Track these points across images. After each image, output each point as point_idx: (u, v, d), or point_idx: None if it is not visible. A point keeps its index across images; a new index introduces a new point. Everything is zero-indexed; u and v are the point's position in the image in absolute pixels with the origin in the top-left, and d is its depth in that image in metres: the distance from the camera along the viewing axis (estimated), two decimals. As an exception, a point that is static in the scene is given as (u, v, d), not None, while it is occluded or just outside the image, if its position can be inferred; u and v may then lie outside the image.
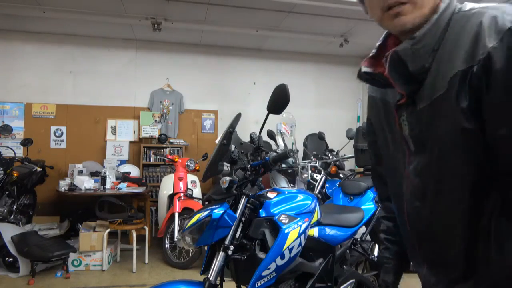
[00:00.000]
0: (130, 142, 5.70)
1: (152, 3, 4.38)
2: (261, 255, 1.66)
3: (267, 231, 1.70)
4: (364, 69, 0.85)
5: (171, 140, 5.66)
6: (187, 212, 4.00)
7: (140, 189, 4.46)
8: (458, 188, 0.70)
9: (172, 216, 3.98)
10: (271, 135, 4.49)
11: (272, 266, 1.63)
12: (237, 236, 1.66)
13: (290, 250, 1.66)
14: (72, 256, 3.76)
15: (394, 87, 0.78)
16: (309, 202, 1.88)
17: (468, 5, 0.73)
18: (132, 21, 4.87)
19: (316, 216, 1.93)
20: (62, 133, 5.56)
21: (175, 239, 3.77)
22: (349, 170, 4.63)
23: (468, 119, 0.65)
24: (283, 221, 1.69)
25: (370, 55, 0.86)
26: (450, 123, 0.67)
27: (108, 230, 3.86)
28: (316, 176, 4.11)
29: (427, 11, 0.72)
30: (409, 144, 0.79)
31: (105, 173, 4.43)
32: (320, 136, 4.82)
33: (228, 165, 1.79)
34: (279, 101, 1.67)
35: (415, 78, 0.73)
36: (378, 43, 0.87)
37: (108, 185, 4.41)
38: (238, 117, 1.87)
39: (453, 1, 0.74)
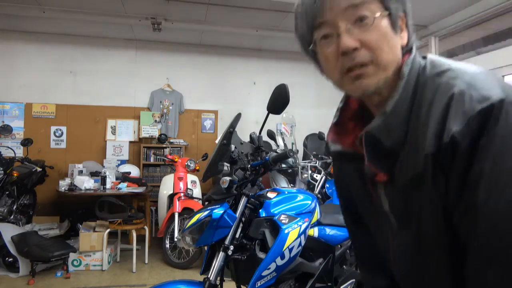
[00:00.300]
0: (130, 142, 5.70)
1: (152, 3, 4.38)
2: (261, 255, 1.66)
3: (267, 231, 1.70)
4: (333, 147, 0.80)
5: (171, 140, 5.66)
6: (187, 212, 3.99)
7: (140, 189, 4.46)
8: (446, 266, 0.66)
9: (172, 216, 3.98)
10: (271, 135, 4.49)
11: (272, 266, 1.63)
12: (237, 236, 1.66)
13: (290, 250, 1.66)
14: (72, 256, 3.76)
15: (370, 167, 0.73)
16: (309, 202, 1.88)
17: (435, 63, 0.67)
18: (132, 21, 4.87)
19: (316, 216, 1.93)
20: (62, 133, 5.56)
21: (175, 239, 3.77)
22: (349, 170, 4.62)
23: (447, 200, 0.61)
24: (283, 221, 1.69)
25: (333, 121, 0.80)
26: (430, 202, 0.64)
27: (108, 230, 3.86)
28: (316, 176, 4.11)
29: (391, 73, 0.67)
30: (391, 219, 0.75)
31: (105, 173, 4.43)
32: (320, 136, 4.82)
33: (228, 165, 1.79)
34: (279, 101, 1.67)
35: (390, 152, 0.68)
36: (339, 106, 0.81)
37: (108, 185, 4.41)
38: (238, 117, 1.87)
39: (415, 60, 0.69)
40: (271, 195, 1.84)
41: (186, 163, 4.45)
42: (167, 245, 4.03)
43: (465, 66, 0.65)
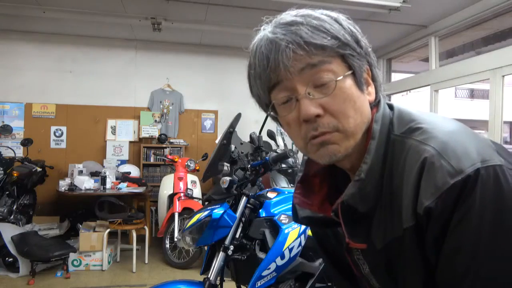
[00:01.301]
0: (130, 142, 5.70)
1: (152, 3, 4.38)
2: (261, 255, 1.67)
3: (267, 231, 1.70)
4: (301, 212, 0.75)
5: (171, 140, 5.66)
6: (187, 212, 3.99)
7: (140, 189, 4.46)
8: None
9: (172, 216, 3.98)
10: (271, 135, 4.48)
11: (272, 266, 1.63)
12: (237, 236, 1.66)
13: (290, 250, 1.66)
14: (72, 256, 3.76)
15: (347, 237, 0.70)
16: (309, 202, 1.87)
17: (402, 117, 0.64)
18: (132, 21, 4.87)
19: (316, 216, 1.93)
20: (62, 133, 5.55)
21: (175, 239, 3.77)
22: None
23: (431, 262, 0.59)
24: (283, 221, 1.69)
25: (299, 178, 0.76)
26: (414, 261, 0.61)
27: (108, 230, 3.86)
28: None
29: (360, 137, 0.63)
30: (371, 280, 0.72)
31: (105, 173, 4.43)
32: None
33: (228, 165, 1.79)
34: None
35: (364, 216, 0.65)
36: (303, 159, 0.77)
37: (108, 185, 4.41)
38: (238, 117, 1.88)
39: (385, 114, 0.65)
40: (271, 195, 1.84)
41: (186, 163, 4.45)
42: (167, 245, 4.03)
43: (434, 122, 0.60)
